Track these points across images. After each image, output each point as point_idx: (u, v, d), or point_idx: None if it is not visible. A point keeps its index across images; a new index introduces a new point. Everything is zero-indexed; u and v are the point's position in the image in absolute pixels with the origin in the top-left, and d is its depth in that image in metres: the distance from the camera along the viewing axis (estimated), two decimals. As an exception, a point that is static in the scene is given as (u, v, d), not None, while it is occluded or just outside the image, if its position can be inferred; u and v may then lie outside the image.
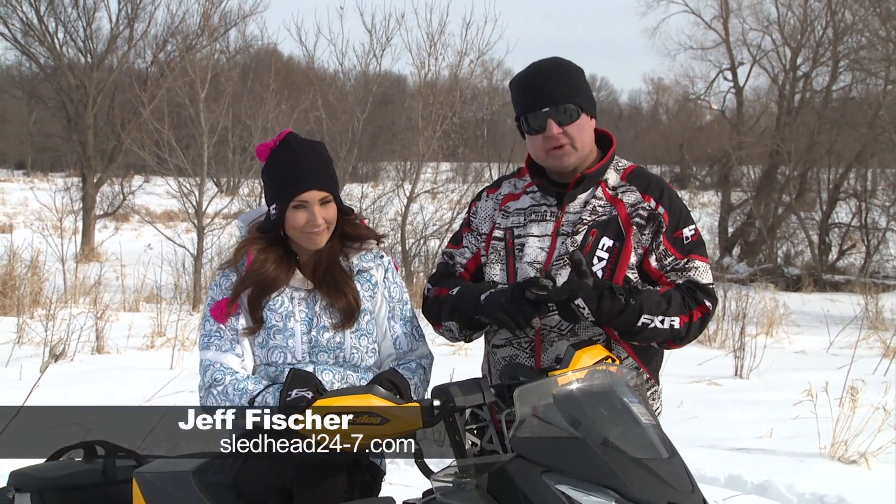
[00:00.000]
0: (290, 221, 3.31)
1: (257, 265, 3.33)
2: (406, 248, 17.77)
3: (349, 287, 3.35)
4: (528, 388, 2.80)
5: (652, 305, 3.16)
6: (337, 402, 2.72)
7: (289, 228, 3.33)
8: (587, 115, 3.34)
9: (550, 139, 3.29)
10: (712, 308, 3.29)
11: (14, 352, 10.06)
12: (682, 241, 3.32)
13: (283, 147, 3.35)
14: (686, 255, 3.31)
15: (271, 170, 3.36)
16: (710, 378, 10.02)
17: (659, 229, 3.30)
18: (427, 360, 3.46)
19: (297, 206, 3.29)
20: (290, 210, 3.29)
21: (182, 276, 15.57)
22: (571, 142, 3.29)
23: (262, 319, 3.30)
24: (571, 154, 3.31)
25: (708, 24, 26.91)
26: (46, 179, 35.72)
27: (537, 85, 3.32)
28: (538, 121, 3.30)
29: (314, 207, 3.30)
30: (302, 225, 3.30)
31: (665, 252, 3.30)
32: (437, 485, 2.80)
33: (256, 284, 3.31)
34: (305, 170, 3.31)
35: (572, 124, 3.29)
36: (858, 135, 21.77)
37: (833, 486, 6.08)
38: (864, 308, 13.83)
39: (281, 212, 3.31)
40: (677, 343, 3.30)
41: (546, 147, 3.31)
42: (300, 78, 22.96)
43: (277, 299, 3.34)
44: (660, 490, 2.61)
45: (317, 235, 3.32)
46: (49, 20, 23.63)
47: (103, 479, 3.56)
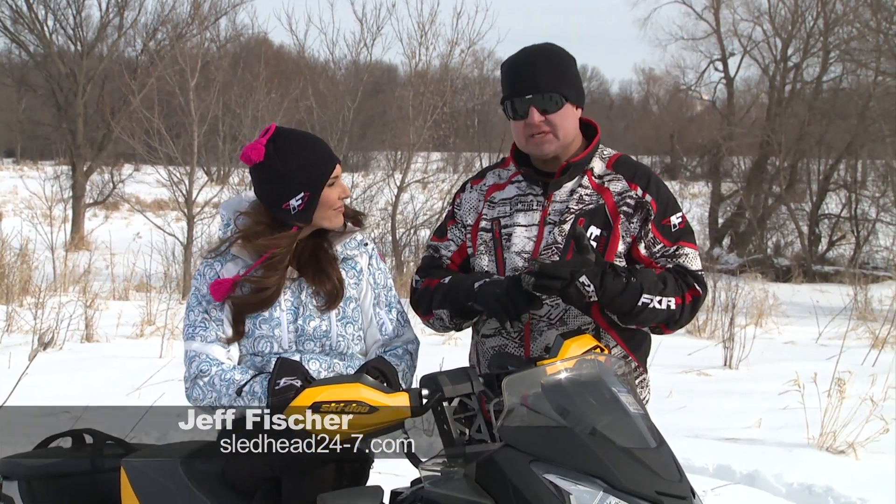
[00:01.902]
0: (326, 201, 3.27)
1: (265, 283, 3.25)
2: (396, 238, 17.77)
3: (333, 269, 3.33)
4: (517, 377, 2.80)
5: (650, 285, 3.15)
6: (325, 390, 2.72)
7: (321, 210, 3.28)
8: (572, 105, 3.32)
9: (532, 126, 3.29)
10: (702, 293, 3.28)
11: (3, 340, 10.06)
12: (669, 228, 3.31)
13: (284, 138, 3.29)
14: (675, 243, 3.31)
15: (285, 161, 3.24)
16: (700, 368, 10.04)
17: (647, 217, 3.30)
18: (413, 345, 3.45)
19: (331, 182, 3.28)
20: (326, 189, 3.26)
21: (172, 265, 15.55)
22: (553, 130, 3.29)
23: (243, 333, 3.27)
24: (552, 142, 3.31)
25: (699, 14, 26.96)
26: (36, 167, 35.65)
27: (523, 71, 3.32)
28: (521, 107, 3.30)
29: (340, 179, 3.32)
30: (335, 200, 3.28)
31: (654, 240, 3.30)
32: (425, 474, 2.80)
33: (254, 301, 3.25)
34: (323, 148, 3.32)
35: (555, 113, 3.28)
36: (848, 126, 21.81)
37: (821, 477, 6.10)
38: (853, 299, 13.87)
39: (314, 197, 3.25)
40: (670, 327, 3.29)
41: (527, 133, 3.31)
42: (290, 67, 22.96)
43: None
44: (648, 479, 2.62)
45: (342, 211, 3.33)
46: (39, 8, 23.61)
47: (91, 468, 3.55)
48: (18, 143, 47.98)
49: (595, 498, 2.57)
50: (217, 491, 3.18)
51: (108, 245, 16.59)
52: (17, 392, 5.54)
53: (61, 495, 3.46)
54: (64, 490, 3.48)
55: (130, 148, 18.61)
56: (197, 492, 3.19)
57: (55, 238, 15.15)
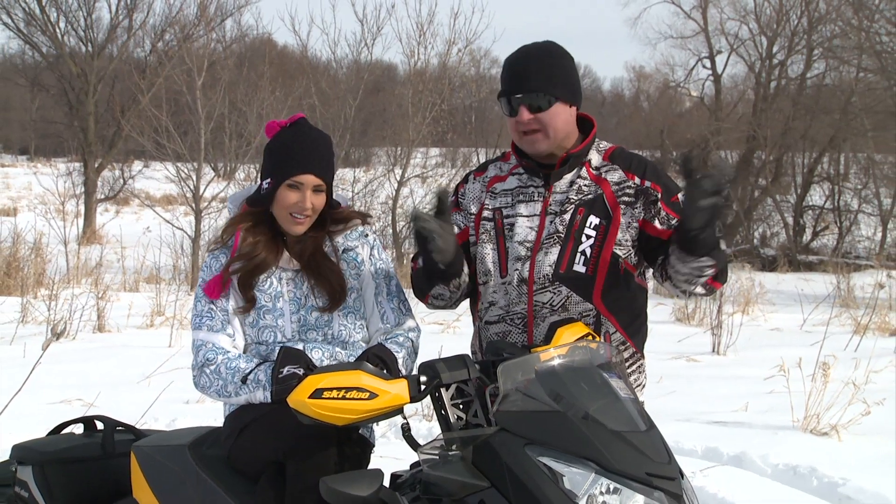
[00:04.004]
0: (281, 199, 3.29)
1: (247, 247, 3.31)
2: (397, 231, 17.76)
3: (333, 273, 3.33)
4: (512, 363, 2.79)
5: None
6: (327, 377, 2.72)
7: (276, 206, 3.31)
8: (563, 104, 3.29)
9: (522, 123, 3.28)
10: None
11: (18, 330, 10.04)
12: (679, 205, 3.26)
13: (294, 128, 3.34)
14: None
15: (276, 145, 3.33)
16: (689, 354, 10.05)
17: (654, 200, 3.29)
18: (414, 332, 3.45)
19: (292, 185, 3.27)
20: (283, 187, 3.27)
21: (180, 258, 15.56)
22: (543, 128, 3.27)
23: (254, 299, 3.28)
24: (542, 141, 3.30)
25: (687, 13, 26.97)
26: (49, 164, 35.58)
27: (516, 70, 3.31)
28: (513, 105, 3.29)
29: (307, 191, 3.28)
30: (290, 205, 3.28)
31: (667, 217, 3.28)
32: (423, 457, 2.80)
33: (246, 265, 3.29)
34: (309, 153, 3.30)
35: (544, 112, 3.26)
36: (832, 121, 21.81)
37: (805, 457, 6.10)
38: (836, 287, 13.86)
39: (274, 187, 3.29)
40: (721, 280, 3.21)
41: (519, 130, 3.31)
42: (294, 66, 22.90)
43: (266, 280, 3.32)
44: (638, 461, 2.61)
45: (299, 224, 3.31)
46: (51, 10, 23.59)
47: (102, 453, 3.55)
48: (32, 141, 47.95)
49: (587, 479, 2.56)
50: (223, 475, 3.18)
51: (119, 239, 16.60)
52: (31, 380, 5.54)
53: (74, 479, 3.47)
54: (76, 474, 3.48)
55: (140, 145, 18.59)
56: (204, 475, 3.18)
57: (68, 232, 15.15)
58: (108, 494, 3.46)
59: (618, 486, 2.57)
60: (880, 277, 14.23)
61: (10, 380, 6.23)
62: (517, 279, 3.30)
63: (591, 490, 2.55)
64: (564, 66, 3.34)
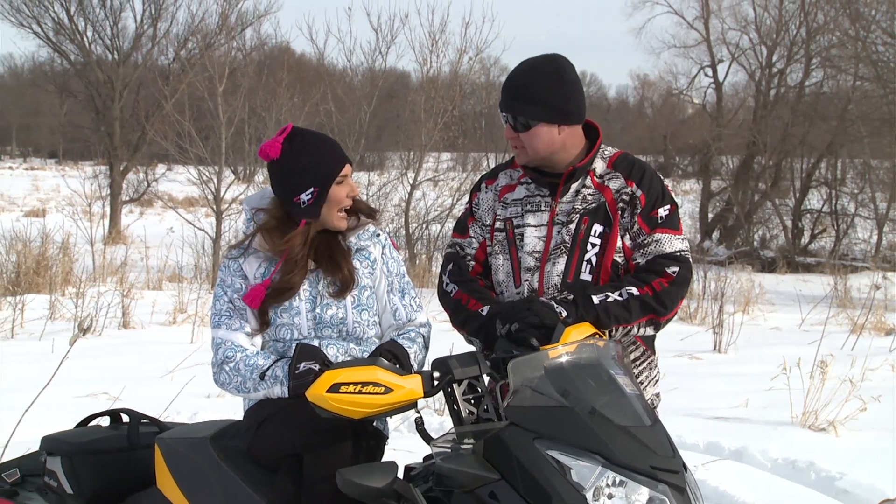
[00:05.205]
0: (334, 198, 3.26)
1: (290, 283, 3.24)
2: (409, 232, 17.77)
3: (346, 261, 3.31)
4: (522, 360, 2.79)
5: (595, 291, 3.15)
6: (343, 373, 2.72)
7: (329, 207, 3.27)
8: (547, 124, 3.22)
9: (508, 138, 3.34)
10: (679, 271, 3.20)
11: (47, 326, 10.08)
12: (656, 219, 3.25)
13: (297, 136, 3.28)
14: (652, 230, 3.24)
15: (297, 158, 3.24)
16: (691, 352, 10.02)
17: (634, 211, 3.26)
18: (425, 328, 3.45)
19: (340, 181, 3.27)
20: (334, 186, 3.25)
21: (202, 258, 15.56)
22: (525, 145, 3.27)
23: (268, 323, 3.26)
24: (523, 155, 3.31)
25: (690, 24, 26.89)
26: (76, 167, 35.74)
27: (506, 87, 3.31)
28: (502, 119, 3.34)
29: (349, 180, 3.31)
30: (343, 198, 3.27)
31: (639, 230, 3.25)
32: (436, 450, 2.80)
33: (278, 291, 3.24)
34: (332, 147, 3.31)
35: (524, 133, 3.25)
36: (829, 127, 21.78)
37: (803, 452, 6.08)
38: (833, 288, 13.82)
39: (323, 192, 3.24)
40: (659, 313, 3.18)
41: (509, 141, 3.36)
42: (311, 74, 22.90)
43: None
44: (643, 455, 2.61)
45: (345, 218, 3.32)
46: (79, 19, 23.59)
47: (128, 445, 3.56)
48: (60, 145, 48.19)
49: (594, 472, 2.56)
50: (244, 466, 3.19)
51: (143, 239, 16.62)
52: (59, 374, 5.56)
53: (100, 470, 3.47)
54: (103, 465, 3.49)
55: (163, 149, 18.63)
56: (225, 467, 3.19)
57: (94, 232, 15.19)
58: (134, 484, 3.46)
59: (623, 479, 2.57)
60: (876, 279, 14.15)
61: (39, 374, 6.24)
62: (528, 290, 3.29)
63: (597, 482, 2.55)
64: (553, 87, 3.22)
